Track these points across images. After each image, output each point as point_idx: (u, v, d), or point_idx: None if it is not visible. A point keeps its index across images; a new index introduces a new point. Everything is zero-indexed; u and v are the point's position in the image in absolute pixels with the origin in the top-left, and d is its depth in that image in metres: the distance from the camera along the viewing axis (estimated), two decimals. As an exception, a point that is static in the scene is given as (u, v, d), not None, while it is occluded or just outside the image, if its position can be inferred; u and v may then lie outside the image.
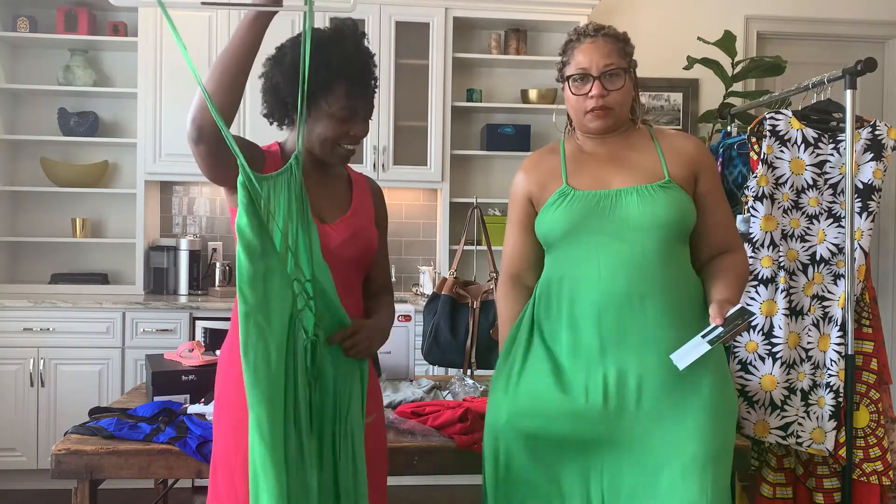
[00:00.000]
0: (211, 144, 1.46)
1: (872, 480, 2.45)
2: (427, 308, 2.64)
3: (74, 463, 1.91)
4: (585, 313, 1.68)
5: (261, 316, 1.39)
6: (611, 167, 1.77)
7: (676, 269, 1.70)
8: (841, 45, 4.56)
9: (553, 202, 1.76)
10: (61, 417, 3.59)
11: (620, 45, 1.77)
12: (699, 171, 1.78)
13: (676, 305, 1.68)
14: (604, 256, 1.68)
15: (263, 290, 1.40)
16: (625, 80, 1.75)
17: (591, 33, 1.76)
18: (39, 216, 4.17)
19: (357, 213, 1.76)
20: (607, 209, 1.71)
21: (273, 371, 1.40)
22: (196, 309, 3.70)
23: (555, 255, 1.78)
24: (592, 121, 1.76)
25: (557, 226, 1.73)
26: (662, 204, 1.68)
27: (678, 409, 1.64)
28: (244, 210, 1.40)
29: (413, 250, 4.37)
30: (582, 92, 1.75)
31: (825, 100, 2.66)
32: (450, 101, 4.03)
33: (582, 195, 1.73)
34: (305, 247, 1.50)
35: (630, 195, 1.70)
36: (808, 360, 2.51)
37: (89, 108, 4.14)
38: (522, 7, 4.05)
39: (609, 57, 1.73)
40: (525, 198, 1.84)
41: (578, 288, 1.70)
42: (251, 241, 1.39)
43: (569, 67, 1.77)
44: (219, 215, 4.28)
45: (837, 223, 2.54)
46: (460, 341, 2.57)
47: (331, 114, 1.63)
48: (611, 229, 1.69)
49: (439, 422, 2.06)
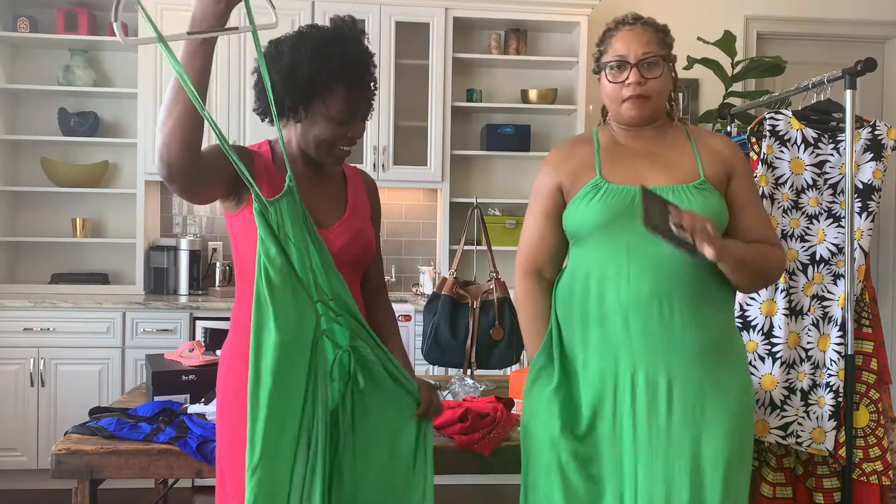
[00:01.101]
0: (184, 178, 1.41)
1: (872, 480, 2.45)
2: (427, 308, 2.64)
3: (75, 463, 1.91)
4: (614, 312, 1.65)
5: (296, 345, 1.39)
6: (646, 163, 1.74)
7: (704, 272, 1.67)
8: (841, 45, 4.56)
9: (585, 194, 1.71)
10: (61, 417, 3.59)
11: (660, 34, 1.73)
12: (733, 172, 1.76)
13: (703, 310, 1.66)
14: (634, 256, 1.64)
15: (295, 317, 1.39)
16: (663, 70, 1.71)
17: (630, 21, 1.73)
18: (39, 216, 4.17)
19: (354, 213, 1.75)
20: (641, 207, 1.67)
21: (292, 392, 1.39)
22: (196, 309, 3.70)
23: (582, 249, 1.73)
24: (629, 110, 1.72)
25: (589, 220, 1.68)
26: (698, 206, 1.66)
27: (706, 415, 1.64)
28: (271, 241, 1.36)
29: (413, 250, 4.37)
30: (619, 80, 1.71)
31: (825, 100, 2.65)
32: (450, 101, 4.03)
33: (616, 189, 1.69)
34: (320, 265, 1.49)
35: (665, 195, 1.65)
36: (808, 360, 2.51)
37: (89, 108, 4.14)
38: (522, 7, 4.05)
39: (648, 45, 1.70)
40: (555, 187, 1.77)
41: (606, 286, 1.66)
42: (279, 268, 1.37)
43: (606, 55, 1.74)
44: (219, 215, 4.28)
45: (837, 223, 2.54)
46: (460, 341, 2.57)
47: (329, 116, 1.61)
48: (643, 229, 1.64)
49: (439, 422, 2.06)
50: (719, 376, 1.66)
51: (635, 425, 1.63)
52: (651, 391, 1.63)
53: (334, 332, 1.52)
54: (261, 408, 1.35)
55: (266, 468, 1.35)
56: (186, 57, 1.34)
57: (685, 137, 1.80)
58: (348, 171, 1.83)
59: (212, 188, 1.52)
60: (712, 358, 1.66)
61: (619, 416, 1.65)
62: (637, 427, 1.63)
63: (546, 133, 4.36)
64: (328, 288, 1.48)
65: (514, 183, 4.39)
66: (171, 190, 1.45)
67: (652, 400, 1.63)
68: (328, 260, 1.50)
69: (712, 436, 1.63)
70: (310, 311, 1.43)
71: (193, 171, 1.41)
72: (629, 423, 1.64)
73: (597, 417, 1.67)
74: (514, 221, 4.18)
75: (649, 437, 1.63)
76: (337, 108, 1.60)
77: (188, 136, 1.36)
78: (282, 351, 1.36)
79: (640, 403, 1.63)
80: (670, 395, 1.63)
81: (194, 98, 1.29)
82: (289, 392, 1.38)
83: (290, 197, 1.46)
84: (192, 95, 1.29)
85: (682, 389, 1.63)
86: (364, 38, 1.66)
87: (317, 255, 1.48)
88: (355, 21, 1.66)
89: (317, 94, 1.60)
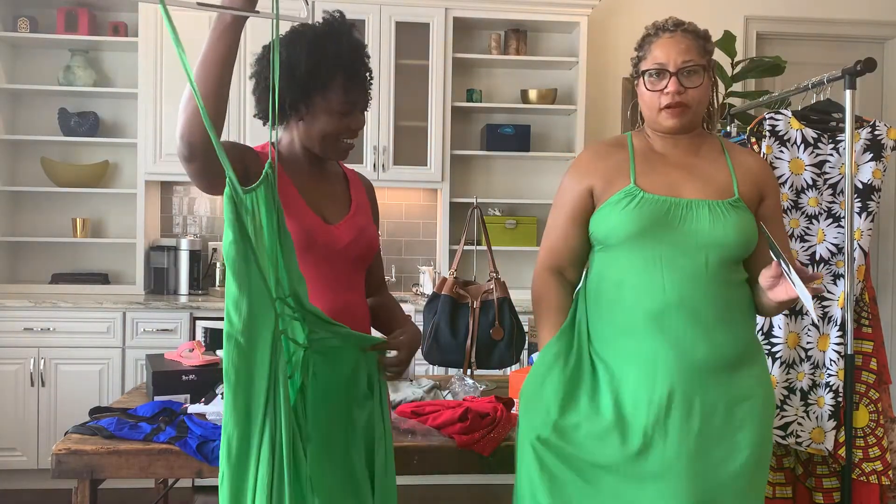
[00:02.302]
0: (204, 160, 1.43)
1: (872, 480, 2.45)
2: (427, 308, 2.64)
3: (75, 463, 1.91)
4: (645, 323, 1.62)
5: (243, 338, 1.35)
6: (682, 173, 1.71)
7: (731, 289, 1.66)
8: (841, 45, 4.56)
9: (618, 200, 1.67)
10: (62, 417, 3.59)
11: (700, 42, 1.70)
12: (766, 192, 1.76)
13: (732, 324, 1.65)
14: (668, 268, 1.62)
15: (248, 312, 1.36)
16: (703, 79, 1.68)
17: (671, 28, 1.69)
18: (40, 216, 4.17)
19: (358, 211, 1.77)
20: (677, 219, 1.64)
21: (254, 393, 1.37)
22: (196, 309, 3.70)
23: (612, 256, 1.69)
24: (667, 119, 1.68)
25: (624, 228, 1.64)
26: (732, 224, 1.64)
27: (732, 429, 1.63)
28: (231, 228, 1.33)
29: (413, 250, 4.37)
30: (657, 88, 1.68)
31: (825, 100, 2.66)
32: (450, 101, 4.03)
33: (652, 199, 1.65)
34: (283, 261, 1.47)
35: (701, 209, 1.65)
36: (808, 360, 2.52)
37: (90, 108, 4.14)
38: (522, 7, 4.05)
39: (688, 53, 1.66)
40: (586, 190, 1.73)
41: (639, 296, 1.63)
42: (236, 260, 1.33)
43: (645, 62, 1.70)
44: (219, 215, 4.29)
45: (837, 223, 2.54)
46: (460, 341, 2.57)
47: (330, 109, 1.62)
48: (678, 241, 1.63)
49: (439, 422, 2.07)
50: (744, 391, 1.65)
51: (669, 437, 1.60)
52: (686, 405, 1.61)
53: (294, 330, 1.51)
54: (226, 405, 1.35)
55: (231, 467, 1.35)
56: (212, 40, 1.40)
57: (720, 150, 1.77)
58: (349, 173, 1.85)
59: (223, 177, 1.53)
60: (739, 371, 1.66)
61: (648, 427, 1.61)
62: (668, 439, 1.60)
63: (546, 133, 4.36)
64: (287, 284, 1.47)
65: (514, 183, 4.39)
66: (188, 172, 1.46)
67: (686, 414, 1.60)
68: (292, 255, 1.48)
69: (738, 449, 1.63)
70: (268, 309, 1.40)
71: (212, 153, 1.42)
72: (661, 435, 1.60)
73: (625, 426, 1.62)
74: (514, 221, 4.18)
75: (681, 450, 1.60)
76: (337, 100, 1.62)
77: (213, 113, 1.39)
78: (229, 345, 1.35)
79: (675, 417, 1.60)
80: (703, 409, 1.61)
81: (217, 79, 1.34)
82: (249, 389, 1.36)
83: (266, 186, 1.45)
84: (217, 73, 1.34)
85: (712, 403, 1.62)
86: (354, 30, 1.68)
87: (282, 250, 1.47)
88: (344, 15, 1.68)
89: (316, 89, 1.61)
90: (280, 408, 1.40)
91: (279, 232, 1.45)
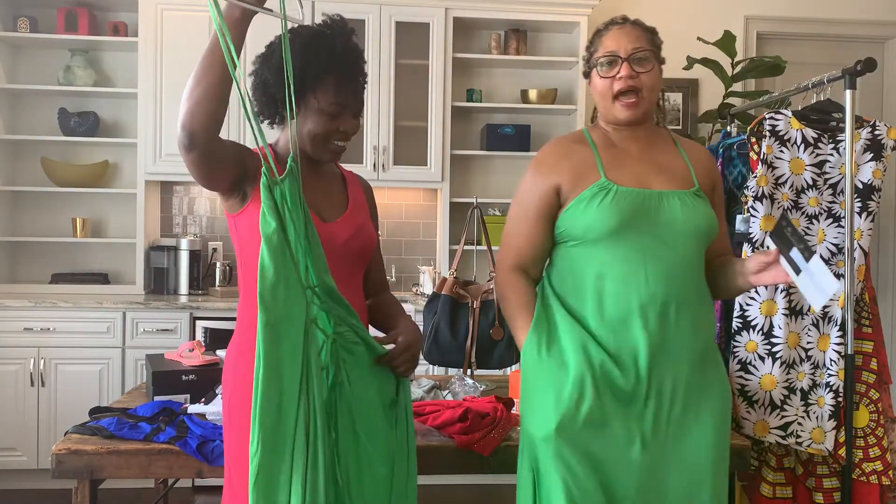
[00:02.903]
0: (204, 150, 1.45)
1: (872, 480, 2.45)
2: (427, 308, 2.64)
3: (75, 463, 1.91)
4: (632, 314, 1.65)
5: (281, 325, 1.38)
6: (647, 166, 1.74)
7: (701, 276, 1.74)
8: (841, 45, 4.56)
9: (592, 196, 1.68)
10: (61, 417, 3.59)
11: (649, 35, 1.75)
12: (715, 184, 1.83)
13: (703, 314, 1.72)
14: (651, 259, 1.65)
15: (284, 298, 1.39)
16: (654, 65, 1.72)
17: (620, 21, 1.75)
18: (40, 216, 4.17)
19: (356, 210, 1.77)
20: (652, 211, 1.67)
21: (285, 382, 1.39)
22: (196, 309, 3.70)
23: (590, 251, 1.69)
24: (622, 111, 1.72)
25: (604, 222, 1.66)
26: (701, 213, 1.70)
27: (701, 415, 1.69)
28: (271, 214, 1.37)
29: (413, 250, 4.37)
30: (610, 75, 1.71)
31: (825, 100, 2.66)
32: (450, 101, 4.03)
33: (626, 192, 1.68)
34: (311, 252, 1.50)
35: (672, 199, 1.69)
36: (808, 360, 2.52)
37: (89, 108, 4.14)
38: (522, 7, 4.05)
39: (638, 41, 1.71)
40: (552, 188, 1.73)
41: (624, 288, 1.65)
42: (278, 248, 1.37)
43: (596, 54, 1.75)
44: (219, 215, 4.29)
45: (837, 223, 2.54)
46: (460, 341, 2.57)
47: (320, 109, 1.63)
48: (657, 232, 1.66)
49: (439, 422, 2.07)
50: (709, 379, 1.72)
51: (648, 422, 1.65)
52: (661, 391, 1.66)
53: (322, 320, 1.53)
54: (257, 392, 1.37)
55: (264, 454, 1.36)
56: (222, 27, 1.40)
57: (672, 142, 1.83)
58: (347, 174, 1.86)
59: (224, 171, 1.55)
60: (706, 361, 1.72)
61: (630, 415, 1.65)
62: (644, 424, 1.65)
63: (546, 133, 4.36)
64: (315, 275, 1.49)
65: (514, 183, 4.38)
66: (187, 162, 1.47)
67: (662, 399, 1.66)
68: (318, 246, 1.51)
69: (705, 433, 1.68)
70: (300, 297, 1.44)
71: (213, 143, 1.45)
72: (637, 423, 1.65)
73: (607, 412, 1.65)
74: (514, 221, 4.17)
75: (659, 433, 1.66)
76: (327, 100, 1.63)
77: (214, 105, 1.41)
78: (266, 331, 1.37)
79: (652, 403, 1.65)
80: (674, 396, 1.66)
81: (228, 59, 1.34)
82: (280, 377, 1.38)
83: (292, 178, 1.47)
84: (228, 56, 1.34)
85: (685, 391, 1.67)
86: (352, 36, 1.68)
87: (309, 241, 1.49)
88: (344, 20, 1.69)
89: (307, 88, 1.62)
90: (314, 396, 1.42)
91: (305, 223, 1.48)
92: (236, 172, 1.58)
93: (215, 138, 1.46)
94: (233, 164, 1.56)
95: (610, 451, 1.64)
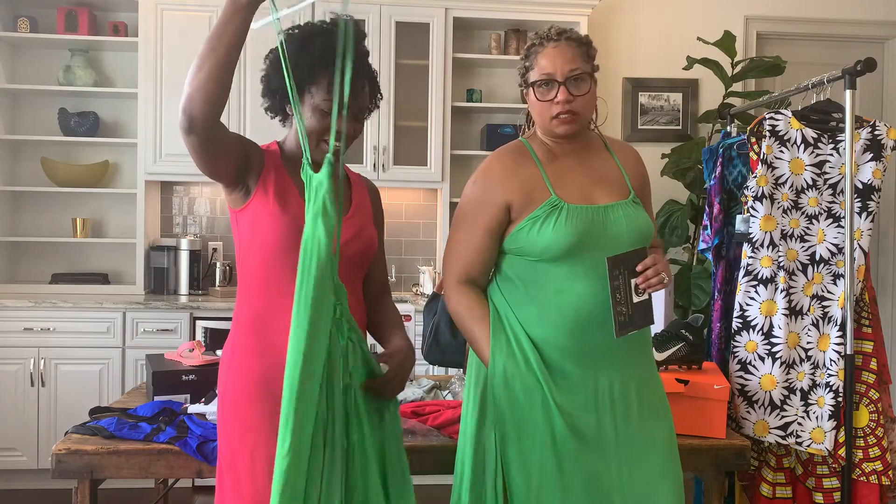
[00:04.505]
0: (202, 134, 1.46)
1: (872, 480, 2.45)
2: (427, 308, 2.64)
3: (75, 463, 1.92)
4: (591, 326, 1.69)
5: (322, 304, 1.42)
6: (588, 179, 1.78)
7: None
8: (841, 45, 4.56)
9: (545, 215, 1.70)
10: (61, 417, 3.59)
11: (584, 48, 1.75)
12: (644, 180, 1.88)
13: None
14: (602, 272, 1.67)
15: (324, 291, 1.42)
16: (590, 85, 1.73)
17: (555, 37, 1.73)
18: (40, 216, 4.17)
19: (358, 212, 1.76)
20: (600, 225, 1.72)
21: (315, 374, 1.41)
22: (196, 309, 3.70)
23: (547, 267, 1.71)
24: (559, 126, 1.74)
25: (561, 243, 1.68)
26: (642, 220, 1.77)
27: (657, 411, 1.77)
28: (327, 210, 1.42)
29: (413, 250, 4.37)
30: (547, 98, 1.72)
31: (825, 100, 2.66)
32: (450, 101, 4.03)
33: (577, 210, 1.71)
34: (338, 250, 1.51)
35: (616, 212, 1.75)
36: (808, 360, 2.52)
37: (90, 108, 4.14)
38: (522, 7, 4.05)
39: (573, 62, 1.71)
40: (503, 205, 1.74)
41: (583, 301, 1.69)
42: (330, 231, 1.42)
43: (532, 73, 1.75)
44: (219, 215, 4.29)
45: (837, 223, 2.54)
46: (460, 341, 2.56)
47: (314, 106, 1.62)
48: (607, 246, 1.70)
49: (439, 421, 2.07)
50: (654, 377, 1.82)
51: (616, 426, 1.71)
52: (625, 395, 1.72)
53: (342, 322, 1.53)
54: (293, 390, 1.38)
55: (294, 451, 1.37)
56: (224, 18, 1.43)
57: (603, 147, 1.87)
58: (352, 176, 1.84)
59: (226, 158, 1.55)
60: (650, 362, 1.82)
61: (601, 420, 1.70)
62: (618, 427, 1.71)
63: (546, 133, 4.36)
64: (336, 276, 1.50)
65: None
66: (188, 146, 1.49)
67: (626, 403, 1.72)
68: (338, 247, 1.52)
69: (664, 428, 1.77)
70: (329, 293, 1.45)
71: (213, 129, 1.46)
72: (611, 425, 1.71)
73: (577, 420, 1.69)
74: (514, 221, 4.18)
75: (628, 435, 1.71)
76: (321, 97, 1.62)
77: (216, 89, 1.42)
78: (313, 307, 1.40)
79: (619, 406, 1.71)
80: (639, 398, 1.73)
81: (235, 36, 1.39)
82: (312, 375, 1.40)
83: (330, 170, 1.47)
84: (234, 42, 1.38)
85: (639, 391, 1.74)
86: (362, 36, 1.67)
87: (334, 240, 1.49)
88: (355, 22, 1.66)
89: (303, 85, 1.62)
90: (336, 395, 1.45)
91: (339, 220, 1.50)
92: (238, 163, 1.58)
93: (216, 123, 1.47)
94: (235, 154, 1.56)
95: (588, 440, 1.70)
